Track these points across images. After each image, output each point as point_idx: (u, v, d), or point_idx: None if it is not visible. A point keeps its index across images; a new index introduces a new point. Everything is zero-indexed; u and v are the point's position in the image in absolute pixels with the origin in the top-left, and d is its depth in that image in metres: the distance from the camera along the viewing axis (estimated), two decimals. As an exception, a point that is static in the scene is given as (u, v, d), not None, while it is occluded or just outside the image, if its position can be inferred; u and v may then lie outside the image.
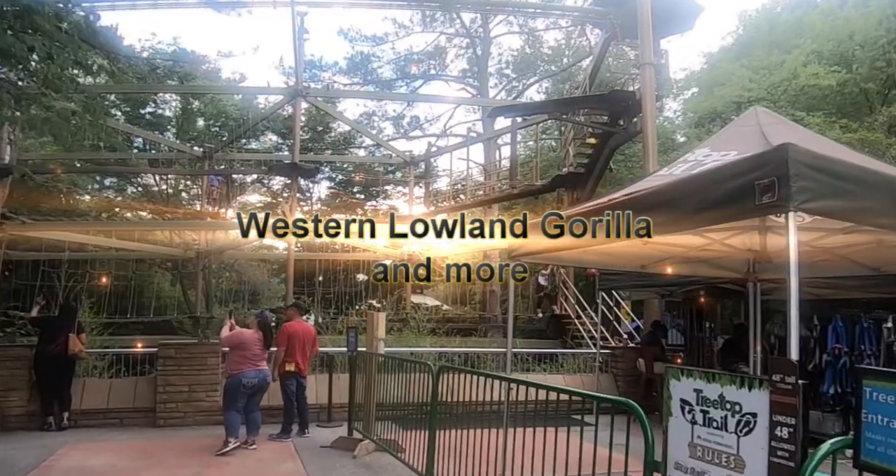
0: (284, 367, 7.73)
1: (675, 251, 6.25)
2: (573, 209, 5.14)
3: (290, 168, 15.59)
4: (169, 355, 8.31)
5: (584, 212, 4.82)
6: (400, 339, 12.37)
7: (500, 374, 4.20)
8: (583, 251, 6.03)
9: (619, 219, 4.24)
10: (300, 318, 8.20)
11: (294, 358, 7.79)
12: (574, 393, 4.78)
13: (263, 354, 7.05)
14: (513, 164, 17.26)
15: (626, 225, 4.19)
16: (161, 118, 25.49)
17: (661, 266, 6.59)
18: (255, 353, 6.92)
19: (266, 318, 7.23)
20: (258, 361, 6.94)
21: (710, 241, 5.81)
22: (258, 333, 7.03)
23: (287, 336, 7.77)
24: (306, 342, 7.96)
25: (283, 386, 7.75)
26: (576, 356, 11.10)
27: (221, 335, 7.17)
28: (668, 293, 10.67)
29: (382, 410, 6.87)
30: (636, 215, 4.07)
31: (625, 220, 4.19)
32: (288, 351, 7.75)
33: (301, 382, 7.95)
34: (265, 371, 7.03)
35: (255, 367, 6.89)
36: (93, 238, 16.68)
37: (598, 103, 13.50)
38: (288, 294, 15.40)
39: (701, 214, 3.64)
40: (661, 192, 3.99)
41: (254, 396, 6.99)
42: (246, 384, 6.78)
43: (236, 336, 7.01)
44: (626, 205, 4.20)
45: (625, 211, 4.24)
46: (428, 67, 27.52)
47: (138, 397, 8.41)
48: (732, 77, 17.36)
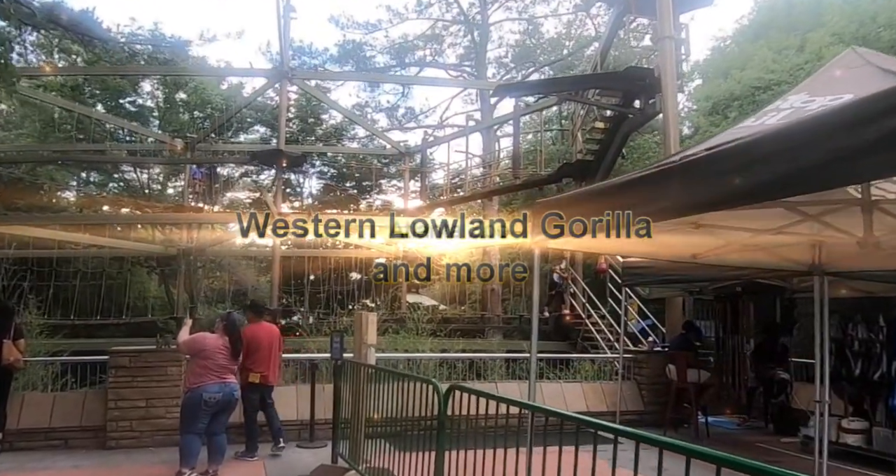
0: (247, 379, 6.50)
1: (734, 237, 5.05)
2: (624, 177, 3.93)
3: (274, 155, 14.36)
4: (121, 364, 7.05)
5: (639, 178, 3.63)
6: (395, 343, 11.14)
7: (529, 403, 2.97)
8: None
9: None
10: (261, 320, 6.96)
11: (259, 367, 6.58)
12: (622, 432, 3.44)
13: (231, 365, 5.79)
14: (516, 152, 16.05)
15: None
16: (143, 109, 24.24)
17: (715, 254, 5.37)
18: (220, 362, 5.66)
19: (234, 321, 5.92)
20: (224, 373, 5.68)
21: (781, 226, 4.61)
22: (224, 339, 5.77)
23: (246, 342, 6.54)
24: (273, 347, 6.74)
25: (244, 399, 6.52)
26: (593, 361, 9.86)
27: (178, 339, 5.91)
28: (697, 290, 9.48)
29: (374, 427, 5.60)
30: (731, 175, 2.87)
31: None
32: (251, 359, 6.54)
33: (266, 396, 6.75)
34: (232, 385, 5.76)
35: (220, 379, 5.62)
36: (59, 234, 15.38)
37: (611, 82, 12.29)
38: (273, 294, 14.17)
39: (843, 165, 2.43)
40: (770, 140, 2.76)
41: (218, 416, 5.71)
42: (208, 401, 5.52)
43: (196, 341, 5.76)
44: (713, 162, 2.99)
45: (709, 169, 3.03)
46: (424, 55, 26.27)
47: (87, 414, 7.14)
48: (753, 59, 16.17)
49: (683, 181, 3.20)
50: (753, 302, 9.74)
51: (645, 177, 3.53)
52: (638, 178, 3.67)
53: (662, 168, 3.41)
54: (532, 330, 5.10)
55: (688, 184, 3.17)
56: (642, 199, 3.61)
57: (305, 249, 21.41)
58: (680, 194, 3.24)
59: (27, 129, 22.27)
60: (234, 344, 5.76)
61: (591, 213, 4.00)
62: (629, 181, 3.74)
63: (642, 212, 3.61)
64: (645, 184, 3.56)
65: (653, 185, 3.48)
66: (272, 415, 6.82)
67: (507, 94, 14.02)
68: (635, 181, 3.69)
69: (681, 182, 3.22)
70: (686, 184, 3.19)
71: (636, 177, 3.70)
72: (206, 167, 19.26)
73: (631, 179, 3.74)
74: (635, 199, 3.67)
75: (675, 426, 8.37)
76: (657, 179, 3.42)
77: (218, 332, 5.83)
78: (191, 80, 22.44)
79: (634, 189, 3.68)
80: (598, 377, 9.44)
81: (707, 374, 8.18)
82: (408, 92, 27.74)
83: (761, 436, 8.52)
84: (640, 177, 3.63)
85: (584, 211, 4.07)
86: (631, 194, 3.72)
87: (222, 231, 20.15)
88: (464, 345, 12.59)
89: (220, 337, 5.77)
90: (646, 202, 3.57)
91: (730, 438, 8.37)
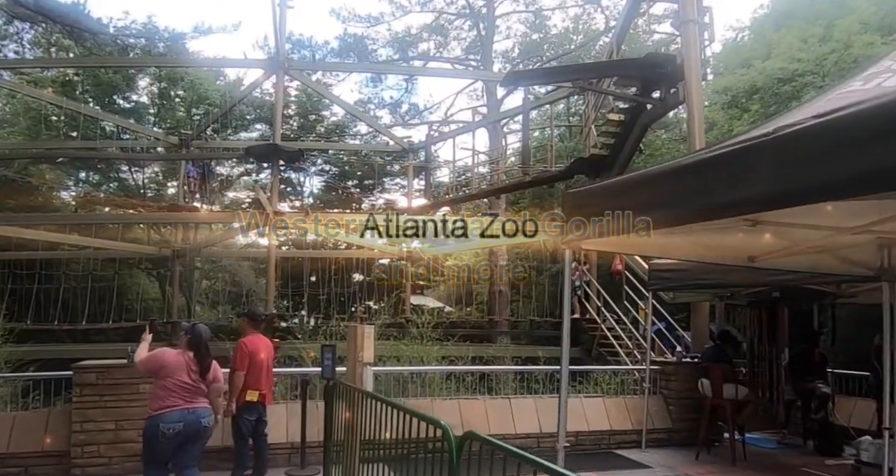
0: (244, 397, 5.68)
1: (801, 237, 4.22)
2: (683, 159, 3.10)
3: (269, 150, 13.52)
4: (87, 382, 6.24)
5: (708, 160, 2.80)
6: (398, 350, 10.33)
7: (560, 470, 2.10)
8: (666, 237, 4.00)
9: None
10: (259, 331, 6.14)
11: (258, 384, 5.77)
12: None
13: (199, 386, 4.91)
14: (524, 148, 15.22)
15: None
16: (138, 105, 23.46)
17: (776, 257, 4.53)
18: (184, 382, 4.79)
19: (199, 334, 5.01)
20: (190, 396, 4.80)
21: (870, 223, 3.77)
22: (187, 354, 4.92)
23: (248, 356, 5.72)
24: (269, 362, 5.94)
25: (239, 421, 5.70)
26: (615, 373, 8.99)
27: (136, 357, 5.06)
28: (728, 294, 8.62)
29: (371, 450, 4.76)
30: (862, 149, 2.03)
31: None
32: (250, 375, 5.73)
33: (263, 417, 5.92)
34: (200, 411, 4.81)
35: (185, 404, 4.78)
36: (45, 234, 14.61)
37: (629, 69, 11.43)
38: (269, 296, 13.39)
39: None
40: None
41: (186, 447, 4.83)
42: (165, 432, 4.62)
43: (155, 358, 4.89)
44: (837, 132, 2.16)
45: (823, 143, 2.20)
46: (428, 48, 25.44)
47: (51, 436, 6.34)
48: (779, 45, 15.26)
49: (780, 160, 2.37)
50: (789, 308, 8.88)
51: (718, 157, 2.70)
52: (705, 161, 2.83)
53: (744, 145, 2.57)
54: (563, 341, 4.28)
55: (787, 163, 2.34)
56: (708, 188, 2.80)
57: (305, 250, 20.65)
58: (772, 179, 2.41)
59: (18, 127, 21.56)
60: (200, 360, 4.90)
61: (637, 205, 3.18)
62: (693, 164, 2.91)
63: (709, 204, 2.79)
64: (716, 167, 2.73)
65: (729, 168, 2.65)
66: (263, 444, 6.00)
67: (518, 84, 13.17)
68: (701, 164, 2.86)
69: (775, 162, 2.39)
70: (783, 163, 2.36)
71: (702, 158, 2.86)
72: (200, 165, 18.49)
73: (695, 162, 2.91)
74: (699, 188, 2.85)
75: (707, 445, 7.54)
76: (737, 160, 2.59)
77: (181, 347, 4.99)
78: (186, 76, 21.66)
79: (700, 175, 2.86)
80: (620, 390, 8.59)
81: (745, 389, 7.33)
82: (411, 88, 26.96)
83: (803, 456, 7.69)
84: (710, 158, 2.79)
85: (629, 203, 3.24)
86: (693, 181, 2.89)
87: (219, 231, 19.42)
88: (472, 351, 11.76)
89: (183, 352, 4.92)
90: (716, 191, 2.75)
91: (770, 460, 7.54)
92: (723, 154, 2.66)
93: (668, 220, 3.07)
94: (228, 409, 5.52)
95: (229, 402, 5.54)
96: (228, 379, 5.68)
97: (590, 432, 7.63)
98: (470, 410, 7.45)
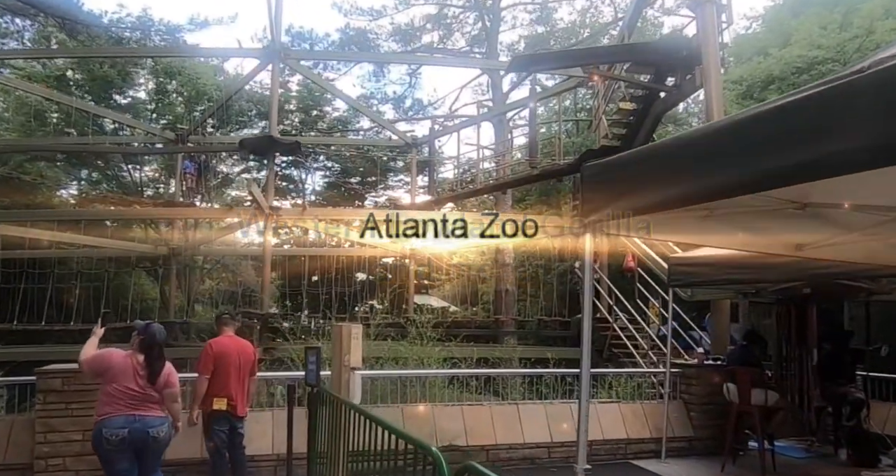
0: (211, 405, 5.09)
1: (857, 222, 3.60)
2: (747, 111, 2.48)
3: (265, 142, 12.94)
4: (52, 388, 5.67)
5: (782, 104, 2.19)
6: (398, 352, 9.73)
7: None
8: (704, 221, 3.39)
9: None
10: (229, 332, 5.52)
11: (226, 390, 5.15)
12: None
13: (148, 392, 4.30)
14: (532, 140, 14.61)
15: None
16: (135, 101, 22.97)
17: (828, 246, 3.90)
18: (128, 389, 4.21)
19: (153, 335, 4.38)
20: (136, 403, 4.23)
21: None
22: (136, 357, 4.35)
23: (213, 358, 5.12)
24: (243, 366, 5.34)
25: (209, 433, 5.10)
26: (630, 376, 8.36)
27: (80, 355, 4.49)
28: (753, 291, 7.98)
29: (359, 462, 4.15)
30: None
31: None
32: (215, 381, 5.13)
33: (236, 427, 5.31)
34: (150, 419, 4.25)
35: (131, 410, 4.21)
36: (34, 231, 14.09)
37: (643, 54, 10.80)
38: (264, 295, 12.83)
39: None
40: None
41: (142, 458, 4.25)
42: (109, 439, 4.08)
43: (100, 359, 4.33)
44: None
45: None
46: (432, 40, 24.78)
47: (13, 447, 5.78)
48: (798, 31, 14.59)
49: (886, 101, 1.76)
50: (818, 305, 8.25)
51: (792, 104, 2.08)
52: (777, 108, 2.21)
53: (827, 88, 1.97)
54: (583, 341, 3.68)
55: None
56: (778, 145, 2.19)
57: (307, 248, 20.09)
58: (874, 126, 1.80)
59: (13, 123, 21.12)
60: (149, 364, 4.31)
61: (678, 175, 2.57)
62: (758, 114, 2.29)
63: (777, 167, 2.18)
64: (789, 116, 2.11)
65: (806, 118, 2.04)
66: (240, 457, 5.40)
67: (526, 68, 12.49)
68: (771, 113, 2.24)
69: (877, 104, 1.78)
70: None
71: (768, 107, 2.24)
72: (196, 161, 17.95)
73: (758, 113, 2.29)
74: (762, 147, 2.24)
75: (733, 455, 6.92)
76: (819, 106, 1.98)
77: (132, 349, 4.41)
78: (184, 71, 21.14)
79: (774, 123, 2.23)
80: (636, 395, 7.97)
81: (775, 395, 6.69)
82: (415, 82, 26.36)
83: (837, 467, 7.08)
84: (780, 105, 2.17)
85: (665, 173, 2.64)
86: (755, 138, 2.28)
87: (218, 229, 18.89)
88: (477, 352, 11.14)
89: (133, 355, 4.34)
90: (786, 149, 2.14)
91: (801, 471, 6.93)
92: (797, 100, 2.05)
93: (715, 190, 2.45)
94: (191, 419, 4.92)
95: (191, 410, 4.95)
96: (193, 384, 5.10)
97: (605, 441, 7.01)
98: (474, 417, 6.85)
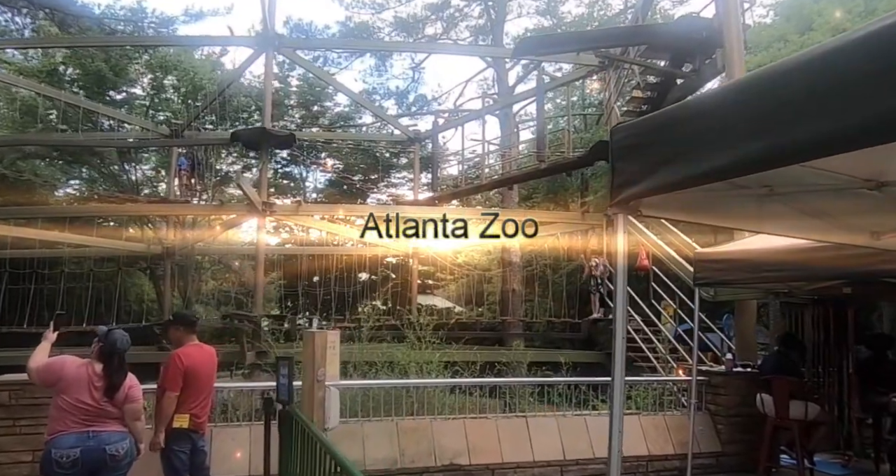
0: (172, 423, 4.36)
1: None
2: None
3: (258, 134, 12.28)
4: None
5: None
6: (394, 356, 9.04)
7: None
8: (762, 202, 2.67)
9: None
10: (194, 338, 4.77)
11: (193, 407, 4.43)
12: None
13: (104, 407, 3.64)
14: (540, 132, 13.90)
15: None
16: (131, 97, 22.40)
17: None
18: (82, 402, 3.55)
19: (114, 343, 3.72)
20: (92, 418, 3.60)
21: None
22: (94, 366, 3.68)
23: (183, 374, 4.39)
24: (210, 379, 4.62)
25: (169, 454, 4.37)
26: (649, 383, 7.61)
27: (29, 362, 3.75)
28: (786, 290, 7.23)
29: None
30: None
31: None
32: (183, 396, 4.40)
33: (199, 445, 4.57)
34: (105, 435, 3.62)
35: (84, 427, 3.56)
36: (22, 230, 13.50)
37: (659, 36, 10.06)
38: (257, 295, 12.17)
39: None
40: None
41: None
42: (59, 460, 3.45)
43: (51, 368, 3.67)
44: None
45: None
46: (435, 32, 24.12)
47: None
48: (822, 14, 13.81)
49: None
50: (857, 306, 7.51)
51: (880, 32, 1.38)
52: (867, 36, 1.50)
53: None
54: (615, 347, 2.96)
55: None
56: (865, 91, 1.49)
57: (308, 247, 19.45)
58: None
59: (4, 120, 20.60)
60: (108, 375, 3.64)
61: (732, 134, 1.87)
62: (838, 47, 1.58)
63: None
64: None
65: None
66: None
67: (534, 52, 11.71)
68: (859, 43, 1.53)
69: None
70: None
71: (852, 37, 1.54)
72: (191, 158, 17.34)
73: (836, 47, 1.58)
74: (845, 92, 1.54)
75: (767, 473, 6.20)
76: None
77: (91, 357, 3.73)
78: (179, 65, 20.56)
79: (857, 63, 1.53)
80: (656, 405, 7.22)
81: (816, 407, 5.94)
82: (418, 76, 25.69)
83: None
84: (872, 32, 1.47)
85: (715, 132, 1.92)
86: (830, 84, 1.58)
87: (209, 226, 18.27)
88: (482, 356, 10.45)
89: (89, 364, 3.66)
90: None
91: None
92: None
93: (788, 152, 1.74)
94: (155, 442, 4.22)
95: (156, 431, 4.25)
96: (156, 402, 4.40)
97: (624, 458, 6.26)
98: (478, 432, 6.14)
